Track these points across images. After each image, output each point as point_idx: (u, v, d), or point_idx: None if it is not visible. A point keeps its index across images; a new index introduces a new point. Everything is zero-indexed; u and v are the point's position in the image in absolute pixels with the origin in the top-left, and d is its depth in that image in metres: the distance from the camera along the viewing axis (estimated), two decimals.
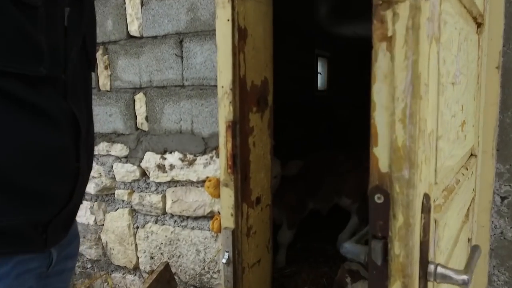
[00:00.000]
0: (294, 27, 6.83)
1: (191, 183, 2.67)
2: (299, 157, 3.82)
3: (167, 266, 2.65)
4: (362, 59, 12.63)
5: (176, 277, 2.78)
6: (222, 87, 2.70)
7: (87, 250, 3.10)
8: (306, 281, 4.33)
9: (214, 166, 2.54)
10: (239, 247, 2.67)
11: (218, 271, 2.61)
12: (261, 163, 2.95)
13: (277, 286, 3.97)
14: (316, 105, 8.50)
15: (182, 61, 2.54)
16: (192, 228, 2.68)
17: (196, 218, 2.70)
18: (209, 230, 2.61)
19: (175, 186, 2.72)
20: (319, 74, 8.56)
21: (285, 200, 3.72)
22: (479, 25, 1.91)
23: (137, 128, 2.81)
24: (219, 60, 1.81)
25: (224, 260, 2.60)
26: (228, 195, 2.60)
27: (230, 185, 2.57)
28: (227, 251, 2.61)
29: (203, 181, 2.59)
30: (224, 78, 2.63)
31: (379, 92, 0.78)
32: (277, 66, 2.79)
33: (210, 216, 2.58)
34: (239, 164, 2.57)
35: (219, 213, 2.56)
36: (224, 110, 2.63)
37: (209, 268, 2.63)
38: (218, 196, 2.71)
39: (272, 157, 2.99)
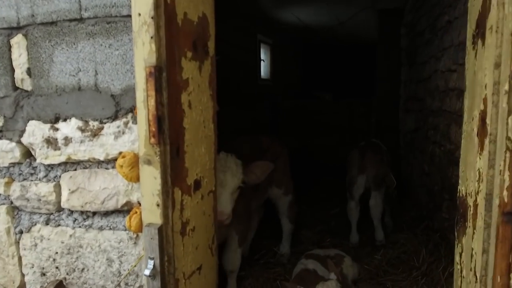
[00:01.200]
0: (234, 8, 6.10)
1: (98, 163, 1.82)
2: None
3: (60, 286, 1.76)
4: (306, 49, 12.36)
5: None
6: (139, 14, 1.87)
7: None
8: (256, 286, 3.60)
9: (131, 136, 1.72)
10: (170, 251, 1.85)
11: (141, 287, 1.77)
12: (201, 133, 2.16)
13: None
14: (259, 95, 7.84)
15: None
16: (101, 229, 1.83)
17: (106, 214, 1.86)
18: (126, 230, 1.78)
19: (74, 169, 1.86)
20: (262, 61, 7.90)
21: (235, 214, 3.03)
22: None
23: (15, 88, 1.90)
24: None
25: (147, 272, 1.76)
26: (151, 177, 1.78)
27: (155, 162, 1.76)
28: (151, 258, 1.78)
29: (115, 160, 1.73)
30: (143, 1, 1.79)
31: None
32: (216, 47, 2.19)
33: (127, 209, 1.76)
34: (168, 132, 1.77)
35: (139, 204, 1.70)
36: (143, 50, 1.81)
37: (126, 284, 1.78)
38: (137, 179, 1.87)
39: (215, 128, 2.20)
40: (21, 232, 2.05)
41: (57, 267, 2.00)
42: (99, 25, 1.80)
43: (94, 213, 1.96)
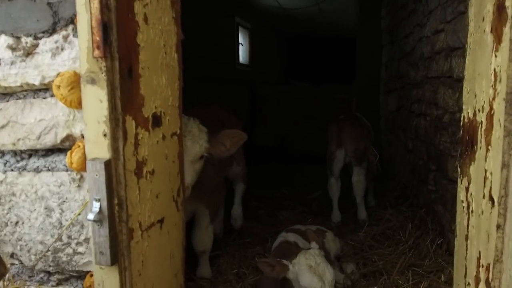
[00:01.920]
0: None
1: (34, 92, 1.49)
2: None
3: None
4: (288, 39, 12.12)
5: (11, 259, 1.52)
6: None
7: None
8: (234, 264, 3.28)
9: (71, 53, 1.40)
10: (122, 193, 1.51)
11: (87, 240, 1.42)
12: (161, 59, 1.81)
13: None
14: (238, 81, 7.54)
15: None
16: (37, 170, 1.50)
17: (44, 154, 1.49)
18: (67, 170, 1.42)
19: (6, 101, 1.48)
20: (240, 45, 7.60)
21: (203, 186, 2.62)
22: None
23: None
24: None
25: (91, 216, 1.42)
26: (96, 100, 1.44)
27: (100, 81, 1.42)
28: (97, 200, 1.43)
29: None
30: None
31: None
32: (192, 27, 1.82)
33: (68, 145, 1.40)
34: (117, 44, 1.43)
35: (83, 137, 1.35)
36: None
37: (69, 237, 1.43)
38: (79, 103, 1.52)
39: (180, 60, 1.87)
40: None
41: None
42: None
43: (29, 153, 1.60)
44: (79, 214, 1.55)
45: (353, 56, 7.61)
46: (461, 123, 1.57)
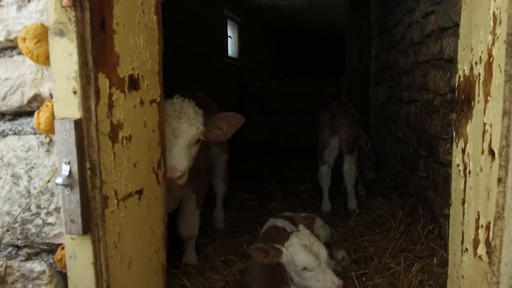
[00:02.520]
0: None
1: None
2: None
3: None
4: (278, 36, 12.05)
5: None
6: None
7: None
8: (221, 251, 3.17)
9: (39, 5, 1.29)
10: (94, 157, 1.39)
11: (57, 210, 1.30)
12: (138, 18, 1.69)
13: None
14: (227, 74, 7.43)
15: None
16: (3, 135, 1.40)
17: (11, 118, 1.37)
18: (35, 134, 1.30)
19: None
20: (229, 38, 7.50)
21: (191, 170, 2.47)
22: None
23: None
24: None
25: (59, 180, 1.30)
26: (65, 53, 1.32)
27: (70, 33, 1.30)
28: (66, 162, 1.31)
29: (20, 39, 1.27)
30: None
31: None
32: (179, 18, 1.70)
33: (36, 106, 1.28)
34: None
35: (52, 97, 1.23)
36: None
37: (38, 206, 1.31)
38: (46, 58, 1.39)
39: (160, 23, 1.75)
40: None
41: None
42: None
43: None
44: (48, 181, 1.42)
45: (343, 50, 7.58)
46: (456, 84, 1.49)
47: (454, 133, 1.52)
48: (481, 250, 1.18)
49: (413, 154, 4.07)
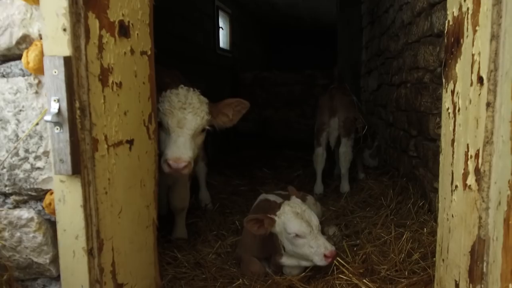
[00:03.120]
0: None
1: None
2: None
3: None
4: (271, 32, 12.06)
5: None
6: None
7: None
8: (213, 227, 3.17)
9: None
10: (84, 97, 1.37)
11: (46, 153, 1.29)
12: None
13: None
14: (218, 66, 7.42)
15: None
16: None
17: None
18: (24, 75, 1.28)
19: None
20: (220, 29, 7.49)
21: None
22: None
23: None
24: None
25: (48, 117, 1.28)
26: None
27: None
28: (56, 100, 1.30)
29: None
30: None
31: None
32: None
33: (25, 48, 1.26)
34: None
35: (41, 38, 1.21)
36: None
37: (26, 150, 1.29)
38: None
39: None
40: None
41: None
42: None
43: None
44: (37, 124, 1.40)
45: (335, 44, 7.63)
46: (446, 31, 1.51)
47: (444, 81, 1.53)
48: (471, 179, 1.19)
49: (404, 136, 4.10)
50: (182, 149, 2.17)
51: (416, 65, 3.59)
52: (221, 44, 7.80)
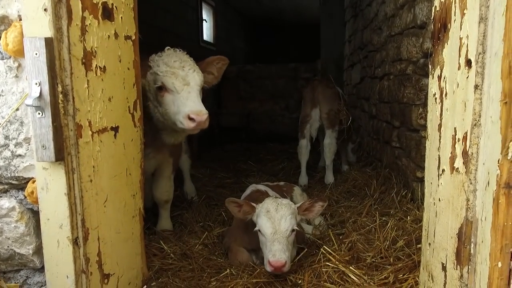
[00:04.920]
0: None
1: None
2: None
3: None
4: (256, 28, 11.97)
5: None
6: None
7: None
8: (199, 218, 3.14)
9: None
10: (67, 81, 1.32)
11: (27, 140, 1.23)
12: None
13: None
14: (202, 58, 7.31)
15: None
16: None
17: None
18: (3, 58, 1.22)
19: None
20: (204, 21, 7.40)
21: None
22: None
23: None
24: None
25: (29, 100, 1.23)
26: None
27: None
28: (37, 83, 1.24)
29: None
30: None
31: None
32: None
33: (4, 29, 1.20)
34: None
35: (20, 19, 1.16)
36: None
37: (6, 137, 1.23)
38: None
39: None
40: None
41: None
42: None
43: None
44: (17, 109, 1.34)
45: (318, 36, 7.64)
46: (432, 17, 1.51)
47: (430, 68, 1.54)
48: (458, 162, 1.20)
49: (386, 128, 4.15)
50: (198, 103, 2.18)
51: (399, 57, 3.62)
52: (205, 37, 7.71)
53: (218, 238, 2.84)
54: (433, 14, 1.51)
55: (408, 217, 2.80)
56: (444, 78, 1.34)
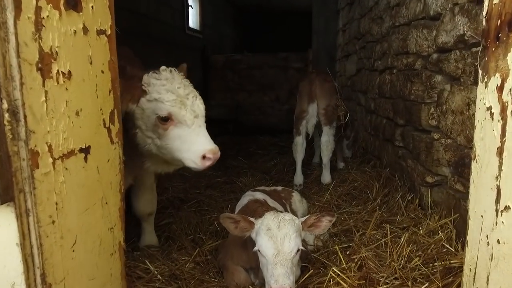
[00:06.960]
0: None
1: None
2: None
3: None
4: (244, 16, 11.54)
5: None
6: None
7: None
8: (189, 230, 2.83)
9: None
10: (14, 93, 0.88)
11: None
12: None
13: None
14: (188, 47, 6.91)
15: None
16: None
17: None
18: None
19: None
20: (190, 7, 6.95)
21: None
22: None
23: None
24: None
25: None
26: None
27: None
28: None
29: None
30: None
31: None
32: None
33: None
34: None
35: None
36: None
37: None
38: None
39: None
40: None
41: None
42: None
43: None
44: None
45: (310, 25, 7.29)
46: (485, 12, 1.20)
47: (480, 72, 1.24)
48: None
49: (388, 124, 3.87)
50: (210, 138, 2.00)
51: (405, 50, 3.32)
52: (191, 24, 7.27)
53: (211, 254, 2.52)
54: (486, 7, 1.20)
55: (420, 229, 2.54)
56: (510, 91, 1.05)
